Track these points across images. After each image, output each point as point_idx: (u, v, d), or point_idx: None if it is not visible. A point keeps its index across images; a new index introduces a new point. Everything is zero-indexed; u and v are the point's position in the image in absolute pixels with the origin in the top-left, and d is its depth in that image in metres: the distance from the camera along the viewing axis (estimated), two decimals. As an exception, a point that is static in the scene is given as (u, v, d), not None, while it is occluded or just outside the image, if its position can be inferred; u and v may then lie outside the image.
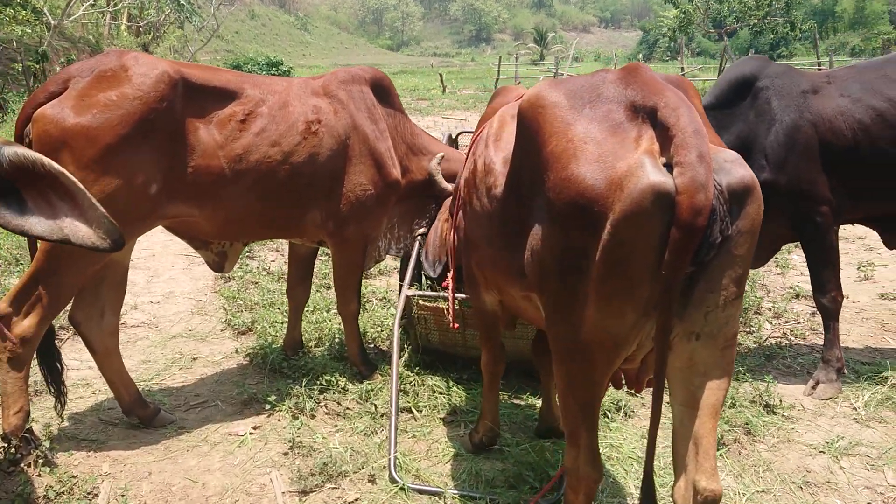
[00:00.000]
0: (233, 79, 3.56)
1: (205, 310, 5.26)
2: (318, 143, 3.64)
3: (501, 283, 2.68)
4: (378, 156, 3.84)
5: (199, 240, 3.72)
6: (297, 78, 3.98)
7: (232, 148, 3.40)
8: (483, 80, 33.11)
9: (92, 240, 1.99)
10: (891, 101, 3.88)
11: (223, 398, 3.94)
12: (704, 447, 2.10)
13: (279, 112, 3.58)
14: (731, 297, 2.04)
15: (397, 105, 4.09)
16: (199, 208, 3.44)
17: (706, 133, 1.96)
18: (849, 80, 4.06)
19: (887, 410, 3.80)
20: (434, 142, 4.29)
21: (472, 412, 3.80)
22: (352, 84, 3.87)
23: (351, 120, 3.78)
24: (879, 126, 3.87)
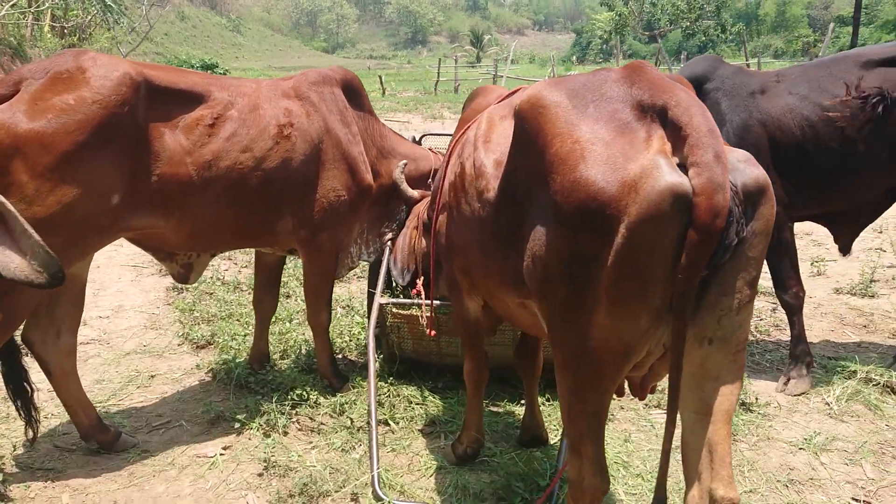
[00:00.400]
0: (199, 81, 3.37)
1: (159, 323, 5.00)
2: (291, 148, 3.49)
3: (493, 290, 2.58)
4: (351, 160, 3.70)
5: (164, 251, 3.51)
6: (265, 79, 3.81)
7: (200, 154, 3.22)
8: (422, 83, 33.06)
9: (25, 273, 1.71)
10: (837, 98, 3.97)
11: (188, 418, 3.73)
12: (720, 454, 2.05)
13: (249, 115, 3.40)
14: (745, 300, 2.00)
15: (367, 106, 3.96)
16: (166, 218, 3.24)
17: (719, 132, 1.91)
18: (797, 78, 4.14)
19: (858, 404, 3.87)
20: (402, 142, 4.19)
21: (451, 422, 3.70)
22: (323, 85, 3.72)
23: (324, 123, 3.63)
24: (826, 123, 3.95)
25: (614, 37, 29.00)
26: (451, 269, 3.03)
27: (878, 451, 3.45)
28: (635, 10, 28.68)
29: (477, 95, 3.24)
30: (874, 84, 3.95)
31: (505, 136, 2.47)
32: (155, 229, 3.27)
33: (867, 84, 3.96)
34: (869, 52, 4.18)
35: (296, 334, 4.63)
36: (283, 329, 4.65)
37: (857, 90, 3.92)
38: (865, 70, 4.03)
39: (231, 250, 4.12)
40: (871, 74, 4.01)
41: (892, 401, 3.88)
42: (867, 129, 3.92)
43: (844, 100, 3.91)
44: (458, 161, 2.73)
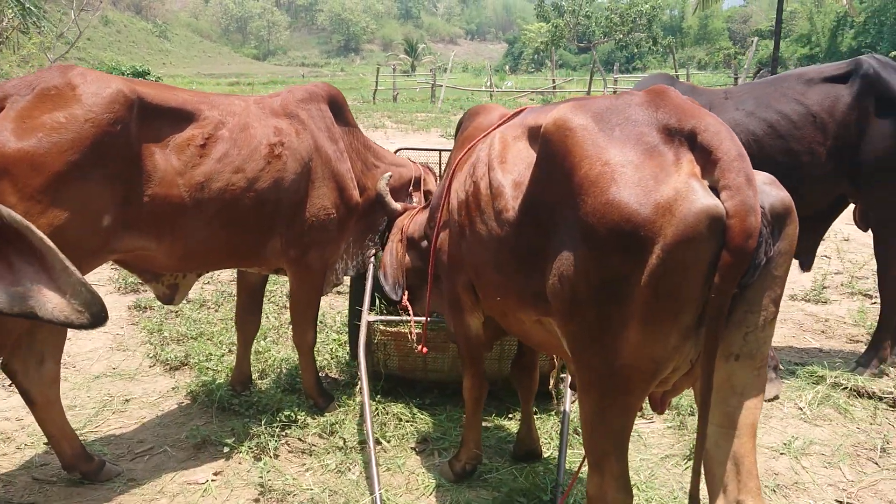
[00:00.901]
0: (190, 99, 3.28)
1: (125, 344, 4.82)
2: (283, 168, 3.43)
3: (509, 308, 2.60)
4: (339, 178, 3.67)
5: (152, 272, 3.40)
6: (252, 97, 3.73)
7: (192, 175, 3.13)
8: (359, 91, 32.92)
9: (66, 314, 1.59)
10: (781, 113, 4.21)
11: (172, 443, 3.61)
12: (747, 467, 2.11)
13: (240, 135, 3.33)
14: (770, 317, 2.07)
15: (351, 120, 3.95)
16: (157, 240, 3.14)
17: (747, 156, 1.98)
18: (744, 95, 4.38)
19: (829, 409, 4.04)
20: (384, 153, 4.18)
21: (443, 439, 3.69)
22: (310, 102, 3.68)
23: (313, 141, 3.59)
24: (771, 137, 4.17)
25: (551, 47, 29.61)
26: (453, 286, 3.03)
27: (853, 453, 3.62)
28: (570, 23, 29.36)
29: (477, 114, 3.25)
30: (815, 101, 4.20)
31: (521, 157, 2.49)
32: (146, 251, 3.17)
33: (809, 101, 4.21)
34: (810, 71, 4.45)
35: (273, 353, 4.54)
36: (259, 348, 4.55)
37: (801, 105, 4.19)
38: (807, 87, 4.28)
39: (219, 270, 4.01)
40: (813, 92, 4.26)
41: (860, 404, 4.07)
42: (811, 143, 4.16)
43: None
44: (469, 180, 2.74)
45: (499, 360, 3.93)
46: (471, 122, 3.23)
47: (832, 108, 4.20)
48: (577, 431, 3.72)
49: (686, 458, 3.53)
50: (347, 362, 4.52)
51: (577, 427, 3.73)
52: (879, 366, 4.39)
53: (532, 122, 2.53)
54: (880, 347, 4.41)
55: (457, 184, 2.91)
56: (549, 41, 29.28)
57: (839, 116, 4.18)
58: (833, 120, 4.19)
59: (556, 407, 4.01)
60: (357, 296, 4.24)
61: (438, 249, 3.13)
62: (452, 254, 2.98)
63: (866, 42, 45.02)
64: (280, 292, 5.76)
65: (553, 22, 28.75)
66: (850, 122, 4.17)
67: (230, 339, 4.72)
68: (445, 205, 3.04)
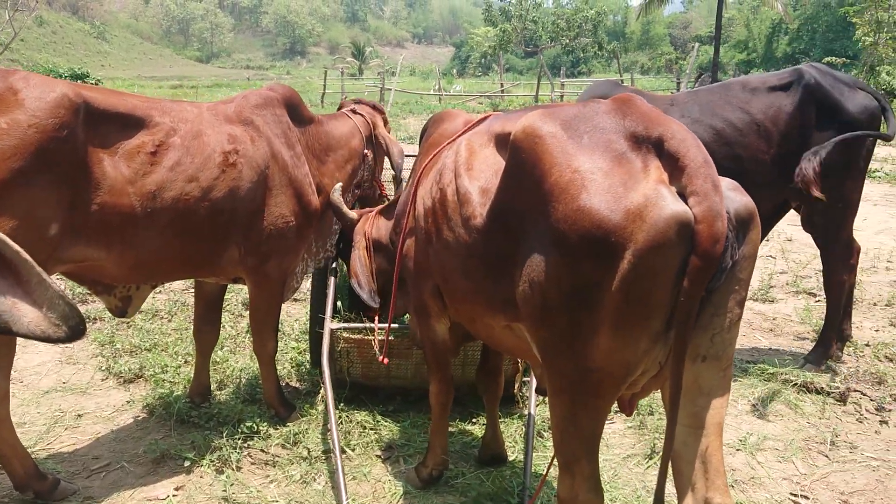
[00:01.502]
0: (139, 104, 3.20)
1: (75, 357, 4.66)
2: (238, 176, 3.37)
3: (478, 314, 2.61)
4: (297, 185, 3.62)
5: (103, 284, 3.30)
6: (205, 103, 3.65)
7: (143, 184, 3.05)
8: (307, 95, 32.51)
9: (42, 328, 1.52)
10: (727, 121, 4.34)
11: (129, 458, 3.51)
12: (714, 465, 2.17)
13: (193, 143, 3.25)
14: (736, 318, 2.13)
15: (307, 117, 3.87)
16: (107, 250, 3.05)
17: (713, 163, 2.04)
18: (689, 103, 4.49)
19: (780, 405, 4.18)
20: (332, 131, 4.01)
21: (408, 446, 3.68)
22: (265, 108, 3.62)
23: (269, 148, 3.53)
24: (717, 143, 4.28)
25: (498, 51, 29.86)
26: (419, 292, 3.03)
27: (804, 447, 3.74)
28: (517, 28, 29.66)
29: (442, 121, 3.25)
30: (759, 110, 4.34)
31: (488, 163, 2.51)
32: (96, 261, 3.08)
33: (753, 109, 4.35)
34: (754, 80, 4.59)
35: (231, 363, 4.46)
36: (217, 358, 4.45)
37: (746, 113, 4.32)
38: (751, 95, 4.42)
39: (173, 281, 3.91)
40: (757, 100, 4.40)
41: (809, 399, 4.22)
42: (756, 151, 4.30)
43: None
44: (435, 187, 2.74)
45: (462, 365, 3.94)
46: (436, 128, 3.23)
47: (776, 116, 4.34)
48: (542, 434, 3.76)
49: (647, 457, 3.60)
50: (308, 371, 4.47)
51: (542, 430, 3.78)
52: (826, 362, 4.56)
53: (499, 129, 2.55)
54: (828, 345, 4.58)
55: (423, 190, 2.91)
56: (497, 45, 29.57)
57: (782, 125, 4.33)
58: (776, 128, 4.33)
59: (521, 410, 4.04)
60: (318, 303, 4.20)
61: (404, 256, 3.13)
62: (419, 260, 2.97)
63: (800, 48, 46.74)
64: (236, 300, 5.66)
65: (500, 26, 29.04)
66: (793, 130, 4.31)
67: (185, 350, 4.62)
68: (411, 211, 3.03)
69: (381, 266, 3.64)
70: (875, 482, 3.45)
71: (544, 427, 3.75)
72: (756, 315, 5.67)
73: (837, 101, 4.29)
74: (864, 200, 9.81)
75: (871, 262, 7.05)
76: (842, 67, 25.98)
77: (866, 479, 3.47)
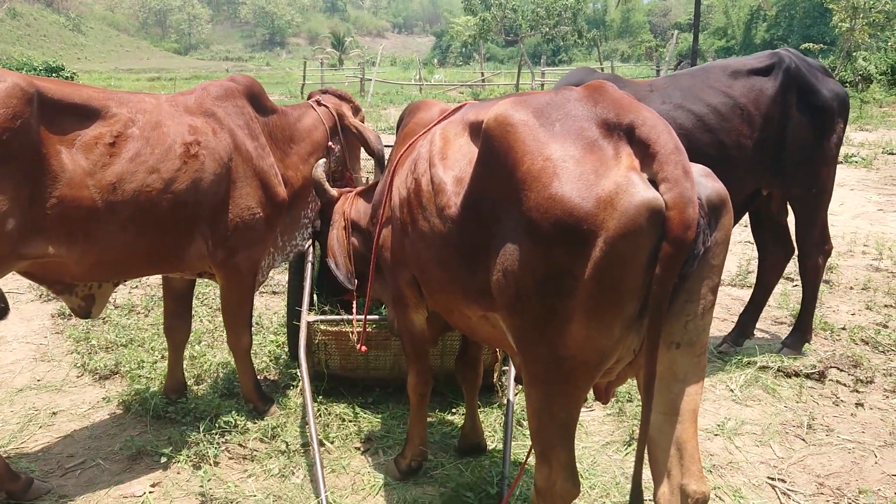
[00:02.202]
0: (95, 95, 3.12)
1: (50, 355, 4.60)
2: (200, 168, 3.30)
3: (453, 304, 2.59)
4: (263, 175, 3.57)
5: (63, 283, 3.22)
6: (164, 95, 3.57)
7: (103, 176, 2.98)
8: (286, 86, 32.32)
9: None
10: (709, 105, 4.29)
11: (104, 455, 3.47)
12: (689, 451, 2.17)
13: (152, 133, 3.18)
14: (709, 305, 2.13)
15: (270, 107, 3.81)
16: (68, 246, 2.97)
17: (684, 149, 2.03)
18: (669, 88, 4.43)
19: (757, 389, 4.21)
20: (296, 123, 3.95)
21: (387, 437, 3.67)
22: (227, 100, 3.55)
23: (232, 140, 3.47)
24: (700, 129, 4.25)
25: (479, 40, 29.79)
26: (396, 282, 3.01)
27: (781, 431, 3.77)
28: (497, 16, 29.60)
29: (418, 110, 3.22)
30: (741, 93, 4.32)
31: (462, 153, 2.49)
32: (55, 258, 3.00)
33: (735, 93, 4.32)
34: (734, 63, 4.55)
35: (208, 357, 4.41)
36: (194, 353, 4.41)
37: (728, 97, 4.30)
38: (733, 80, 4.39)
39: (138, 277, 3.81)
40: (738, 83, 4.38)
41: (787, 384, 4.25)
42: (738, 135, 4.28)
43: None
44: (411, 177, 2.71)
45: (441, 355, 3.93)
46: (411, 117, 3.20)
47: (757, 100, 4.32)
48: (521, 423, 3.76)
49: (626, 444, 3.61)
50: (286, 364, 4.44)
51: (521, 419, 3.77)
52: (804, 346, 4.59)
53: (473, 118, 2.53)
54: (805, 330, 4.62)
55: (398, 180, 2.88)
56: (477, 34, 29.49)
57: (764, 109, 4.31)
58: (759, 112, 4.31)
59: (500, 399, 4.04)
60: (295, 296, 4.17)
61: (381, 246, 3.10)
62: (395, 250, 2.95)
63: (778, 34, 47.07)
64: (213, 294, 5.61)
65: (480, 15, 28.95)
66: (774, 115, 4.31)
67: (162, 345, 4.57)
68: (387, 201, 3.01)
69: (357, 248, 3.60)
70: (851, 464, 3.48)
71: (523, 416, 3.75)
72: (734, 301, 5.71)
73: (814, 85, 4.30)
74: (840, 185, 9.94)
75: (847, 246, 7.11)
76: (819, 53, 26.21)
77: (842, 461, 3.51)
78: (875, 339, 4.79)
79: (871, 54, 24.26)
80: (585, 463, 3.44)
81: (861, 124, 16.67)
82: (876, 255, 6.84)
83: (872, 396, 4.12)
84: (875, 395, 4.13)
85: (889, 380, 4.26)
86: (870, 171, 11.27)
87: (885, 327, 5.06)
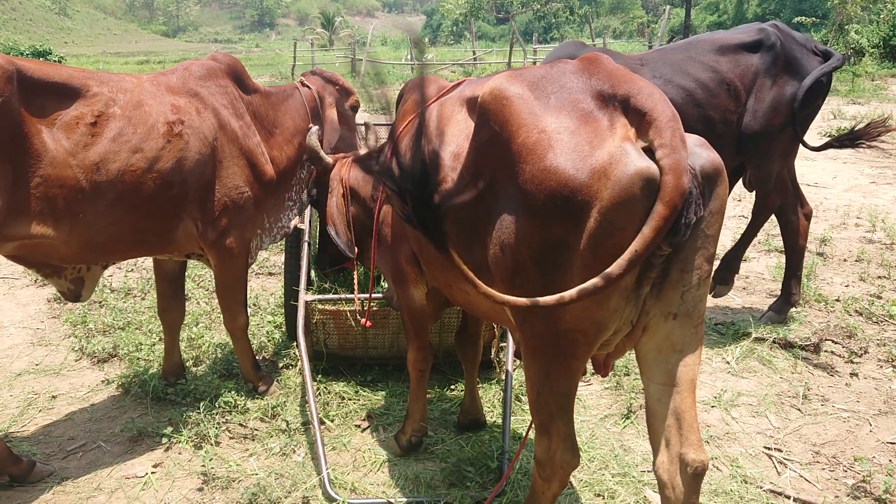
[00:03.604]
0: (75, 74, 3.08)
1: (47, 339, 4.60)
2: (185, 147, 3.27)
3: (451, 280, 2.60)
4: (250, 154, 3.56)
5: (51, 266, 3.20)
6: (145, 74, 3.54)
7: (86, 156, 2.96)
8: (276, 67, 32.00)
9: None
10: (697, 80, 4.30)
11: (106, 437, 3.48)
12: (688, 421, 2.19)
13: (134, 113, 3.15)
14: (704, 275, 2.14)
15: (251, 86, 3.78)
16: (54, 227, 2.95)
17: (679, 118, 2.03)
18: (658, 62, 4.43)
19: (753, 361, 4.24)
20: (280, 103, 3.91)
21: (387, 414, 3.69)
22: (209, 79, 3.52)
23: (216, 119, 3.44)
24: (689, 104, 4.26)
25: (468, 19, 29.56)
26: (396, 258, 3.02)
27: (777, 401, 3.81)
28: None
29: (416, 88, 3.19)
30: (728, 69, 4.33)
31: (460, 128, 2.48)
32: (42, 239, 2.97)
33: (723, 68, 4.33)
34: (721, 37, 4.54)
35: (206, 339, 4.42)
36: (191, 335, 4.42)
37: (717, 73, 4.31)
38: (720, 55, 4.39)
39: (126, 260, 3.75)
40: (725, 58, 4.38)
41: (781, 355, 4.28)
42: (725, 110, 4.30)
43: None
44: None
45: (439, 332, 3.94)
46: (410, 94, 3.18)
47: (743, 75, 4.34)
48: (520, 398, 3.78)
49: (624, 416, 3.65)
50: (285, 344, 4.45)
51: (520, 394, 3.80)
52: (788, 310, 4.69)
53: (469, 93, 2.52)
54: (788, 294, 4.69)
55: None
56: (468, 12, 29.25)
57: (749, 84, 4.33)
58: (745, 87, 4.33)
59: (499, 375, 4.06)
60: (291, 276, 4.17)
61: (381, 222, 3.11)
62: (395, 226, 2.96)
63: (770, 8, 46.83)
64: (209, 276, 5.60)
65: (471, -7, 28.72)
66: (760, 90, 4.32)
67: (160, 327, 4.56)
68: (387, 178, 3.00)
69: (356, 215, 3.59)
70: (846, 433, 3.52)
71: (522, 391, 3.78)
72: (730, 274, 5.73)
73: (798, 61, 4.33)
74: (833, 159, 9.96)
75: (840, 218, 7.14)
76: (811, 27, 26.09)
77: (837, 430, 3.55)
78: (869, 310, 4.83)
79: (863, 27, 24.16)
80: (584, 436, 3.47)
81: (854, 97, 16.65)
82: (869, 227, 6.86)
83: (866, 366, 4.16)
84: (869, 365, 4.17)
85: (883, 350, 4.30)
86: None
87: (878, 298, 5.10)
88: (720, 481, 3.13)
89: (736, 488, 3.08)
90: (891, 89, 18.65)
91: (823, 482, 3.16)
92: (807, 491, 3.09)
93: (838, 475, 3.21)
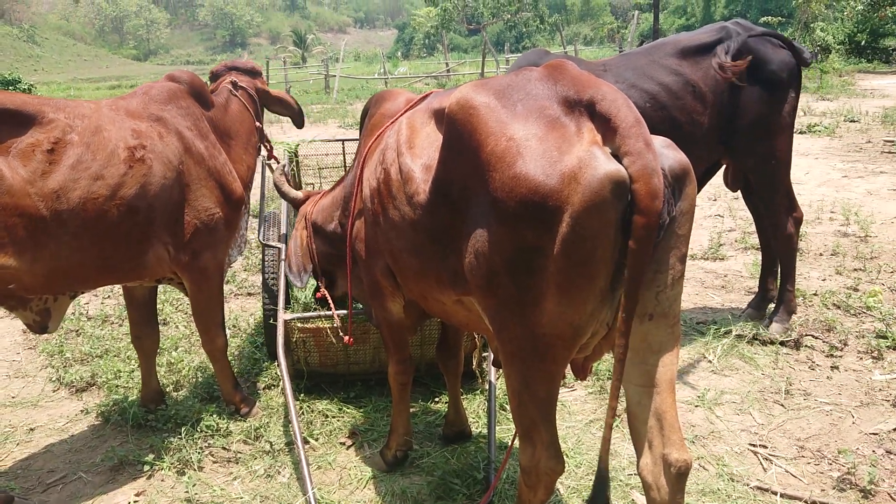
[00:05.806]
0: (30, 101, 3.03)
1: (24, 370, 4.52)
2: (148, 172, 3.21)
3: (428, 290, 2.59)
4: (218, 175, 3.53)
5: (15, 297, 3.13)
6: (103, 100, 3.49)
7: (45, 184, 2.90)
8: (251, 87, 31.88)
9: None
10: (661, 84, 4.30)
11: (86, 468, 3.42)
12: (669, 421, 2.18)
13: (93, 139, 3.09)
14: (678, 275, 2.15)
15: (211, 101, 3.76)
16: (17, 257, 2.89)
17: (644, 122, 2.04)
18: (622, 67, 4.43)
19: (735, 359, 4.26)
20: (225, 113, 3.88)
21: (371, 430, 3.66)
22: (170, 102, 3.48)
23: (180, 143, 3.40)
24: (653, 107, 4.27)
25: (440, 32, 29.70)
26: (372, 273, 3.00)
27: (760, 398, 3.83)
28: (459, 6, 29.54)
29: (384, 100, 3.20)
30: (691, 71, 4.35)
31: (430, 140, 2.48)
32: (7, 270, 2.90)
33: (686, 71, 4.35)
34: (684, 39, 4.54)
35: (186, 363, 4.36)
36: (170, 359, 4.36)
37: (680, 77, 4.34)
38: (682, 58, 4.40)
39: (96, 288, 3.67)
40: (687, 60, 4.39)
41: (762, 352, 4.31)
42: (691, 112, 4.32)
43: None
44: (380, 167, 2.71)
45: (420, 345, 3.93)
46: (377, 108, 3.18)
47: (706, 76, 4.35)
48: (504, 408, 3.77)
49: (609, 420, 3.64)
50: (266, 364, 4.41)
51: (504, 403, 3.79)
52: (790, 318, 4.59)
53: (437, 105, 2.53)
54: (788, 301, 4.62)
55: (368, 171, 2.88)
56: (439, 25, 29.42)
57: (713, 84, 4.35)
58: (709, 88, 4.35)
59: (482, 385, 4.05)
60: (271, 298, 4.14)
61: (354, 238, 3.09)
62: (369, 241, 2.95)
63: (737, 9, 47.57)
64: (187, 299, 5.54)
65: (441, 5, 28.85)
66: (724, 89, 4.34)
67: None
68: (358, 193, 2.99)
69: (322, 246, 3.59)
70: (829, 426, 3.55)
71: (506, 401, 3.76)
72: (707, 273, 5.78)
73: (763, 56, 4.34)
74: (805, 154, 10.10)
75: (815, 213, 7.22)
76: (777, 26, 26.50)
77: (820, 423, 3.57)
78: (846, 303, 4.87)
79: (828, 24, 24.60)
80: (570, 442, 3.46)
81: (822, 94, 16.91)
82: (843, 221, 6.95)
83: (847, 359, 4.19)
84: (849, 358, 4.20)
85: (862, 342, 4.35)
86: (833, 140, 11.45)
87: (855, 290, 5.15)
88: (707, 480, 3.14)
89: (723, 487, 3.08)
90: (858, 84, 18.98)
91: (809, 476, 3.17)
92: (793, 486, 3.11)
93: (823, 468, 3.22)
